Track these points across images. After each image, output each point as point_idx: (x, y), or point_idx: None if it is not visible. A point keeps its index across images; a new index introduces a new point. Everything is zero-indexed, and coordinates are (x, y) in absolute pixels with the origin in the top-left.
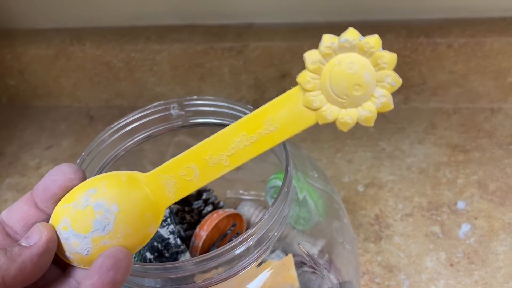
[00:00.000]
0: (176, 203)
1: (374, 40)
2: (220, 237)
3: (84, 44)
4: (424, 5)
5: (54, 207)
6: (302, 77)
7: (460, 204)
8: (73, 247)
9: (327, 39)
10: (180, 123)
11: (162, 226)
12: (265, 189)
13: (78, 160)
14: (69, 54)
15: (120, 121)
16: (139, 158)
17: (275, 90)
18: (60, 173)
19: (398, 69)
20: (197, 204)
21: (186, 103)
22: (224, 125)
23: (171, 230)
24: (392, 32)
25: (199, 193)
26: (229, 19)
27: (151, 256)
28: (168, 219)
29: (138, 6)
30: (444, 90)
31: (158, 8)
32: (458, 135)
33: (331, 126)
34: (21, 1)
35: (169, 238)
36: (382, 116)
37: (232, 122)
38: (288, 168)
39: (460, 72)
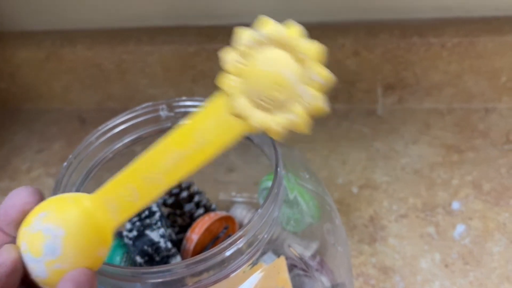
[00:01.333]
0: (167, 206)
1: (294, 31)
2: (212, 240)
3: (75, 46)
4: (418, 5)
5: (17, 230)
6: (222, 81)
7: (455, 205)
8: (34, 270)
9: (242, 34)
10: (169, 124)
11: (152, 229)
12: (258, 191)
13: (65, 163)
14: (60, 56)
15: (108, 123)
16: (128, 160)
17: None
18: (18, 197)
19: (391, 69)
20: (188, 207)
21: (175, 104)
22: None
23: (161, 234)
24: (386, 32)
25: (190, 196)
26: (221, 20)
27: (141, 260)
28: (159, 222)
29: (129, 7)
30: (438, 90)
31: (149, 9)
32: (452, 135)
33: (325, 126)
34: (10, 2)
35: (159, 242)
36: (376, 117)
37: None
38: (278, 169)
39: (454, 72)
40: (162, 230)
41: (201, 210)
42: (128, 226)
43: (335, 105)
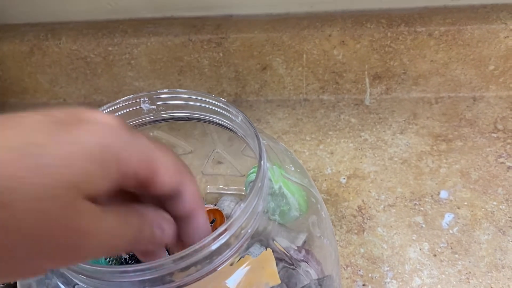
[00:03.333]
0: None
1: None
2: None
3: (60, 39)
4: None
5: None
6: None
7: (443, 194)
8: None
9: None
10: (151, 117)
11: None
12: (245, 183)
13: None
14: (44, 49)
15: None
16: None
17: (256, 83)
18: None
19: (379, 59)
20: None
21: (157, 96)
22: (197, 119)
23: None
24: (372, 21)
25: None
26: (207, 11)
27: (127, 256)
28: None
29: None
30: (425, 80)
31: (133, 1)
32: (440, 124)
33: (313, 117)
34: None
35: None
36: (364, 107)
37: (205, 115)
38: (262, 162)
39: (441, 61)
40: None
41: None
42: None
43: (323, 96)
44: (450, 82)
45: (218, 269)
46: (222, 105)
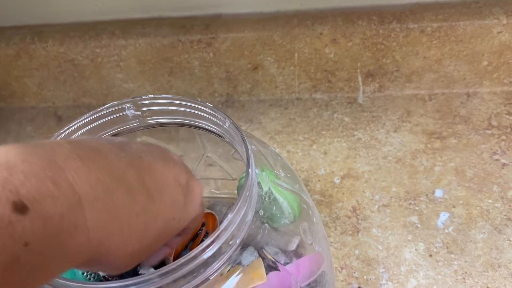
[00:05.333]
0: None
1: None
2: (191, 238)
3: (47, 41)
4: None
5: None
6: None
7: (438, 193)
8: None
9: None
10: (137, 123)
11: None
12: (237, 188)
13: None
14: (31, 52)
15: (70, 125)
16: None
17: (248, 83)
18: None
19: (371, 56)
20: None
21: (142, 102)
22: (184, 124)
23: None
24: (364, 18)
25: None
26: (196, 10)
27: None
28: None
29: (99, 0)
30: (418, 77)
31: (120, 1)
32: (434, 121)
33: (306, 117)
34: None
35: None
36: (357, 105)
37: (192, 121)
38: (250, 170)
39: (434, 58)
40: None
41: None
42: None
43: (316, 94)
44: (444, 79)
45: (209, 281)
46: (209, 110)
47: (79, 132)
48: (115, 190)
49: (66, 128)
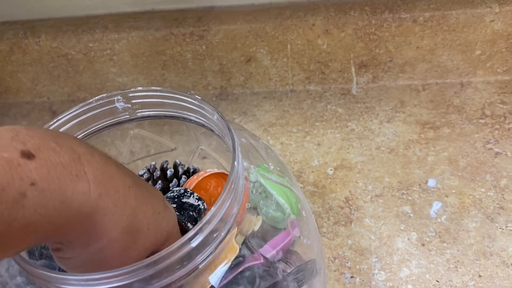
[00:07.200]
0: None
1: None
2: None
3: (39, 36)
4: None
5: None
6: None
7: (431, 182)
8: None
9: None
10: (127, 116)
11: (187, 197)
12: None
13: None
14: (24, 47)
15: (60, 117)
16: None
17: (241, 75)
18: None
19: (364, 47)
20: (174, 185)
21: (132, 95)
22: (173, 117)
23: (197, 197)
24: (356, 9)
25: (168, 180)
26: (188, 3)
27: (191, 226)
28: (183, 191)
29: None
30: (412, 67)
31: None
32: (427, 111)
33: (300, 108)
34: None
35: (199, 205)
36: (351, 97)
37: (182, 113)
38: (235, 163)
39: (427, 47)
40: (195, 195)
41: (184, 179)
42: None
43: (309, 86)
44: (437, 69)
45: (197, 269)
46: (197, 103)
47: (69, 125)
48: (107, 162)
49: (55, 120)
